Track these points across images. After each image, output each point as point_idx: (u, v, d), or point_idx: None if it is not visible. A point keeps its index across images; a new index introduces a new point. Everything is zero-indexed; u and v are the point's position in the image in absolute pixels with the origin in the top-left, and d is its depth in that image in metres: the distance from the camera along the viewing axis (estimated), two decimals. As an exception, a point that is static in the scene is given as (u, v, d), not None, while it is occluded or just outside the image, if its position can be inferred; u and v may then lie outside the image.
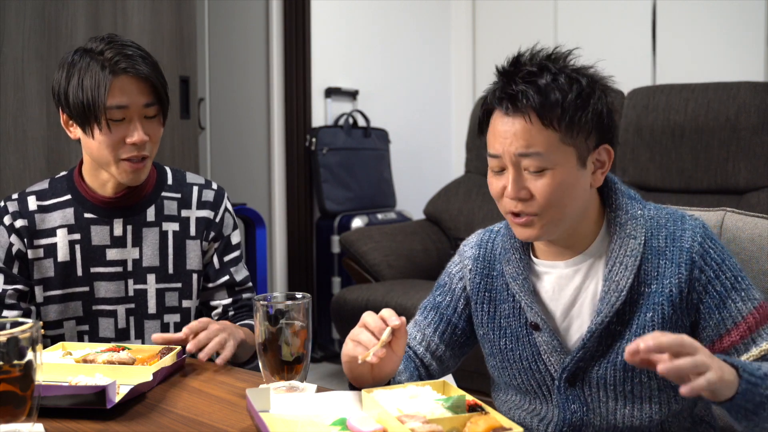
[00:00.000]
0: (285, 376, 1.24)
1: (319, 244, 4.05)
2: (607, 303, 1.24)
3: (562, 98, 1.19)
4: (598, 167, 1.26)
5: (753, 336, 1.21)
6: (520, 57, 1.25)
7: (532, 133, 1.19)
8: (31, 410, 1.02)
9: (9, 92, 2.43)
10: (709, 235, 1.25)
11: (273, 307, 1.23)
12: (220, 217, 1.72)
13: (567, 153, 1.21)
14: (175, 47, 2.88)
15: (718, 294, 1.22)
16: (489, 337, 1.38)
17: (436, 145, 4.80)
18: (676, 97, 3.31)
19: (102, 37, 1.58)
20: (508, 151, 1.21)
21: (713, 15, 3.86)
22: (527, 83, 1.20)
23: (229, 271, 1.74)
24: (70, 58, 1.57)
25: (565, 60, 1.25)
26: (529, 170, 1.21)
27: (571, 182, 1.21)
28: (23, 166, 2.47)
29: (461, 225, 3.73)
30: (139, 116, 1.56)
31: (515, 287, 1.32)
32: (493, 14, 4.73)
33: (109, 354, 1.37)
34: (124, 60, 1.53)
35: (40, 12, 2.50)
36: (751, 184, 3.13)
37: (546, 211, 1.22)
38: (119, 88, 1.53)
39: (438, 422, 1.01)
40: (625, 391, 1.25)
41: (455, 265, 1.45)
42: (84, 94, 1.52)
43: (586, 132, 1.22)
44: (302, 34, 4.03)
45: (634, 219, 1.26)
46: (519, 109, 1.20)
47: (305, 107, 4.06)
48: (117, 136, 1.54)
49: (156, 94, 1.57)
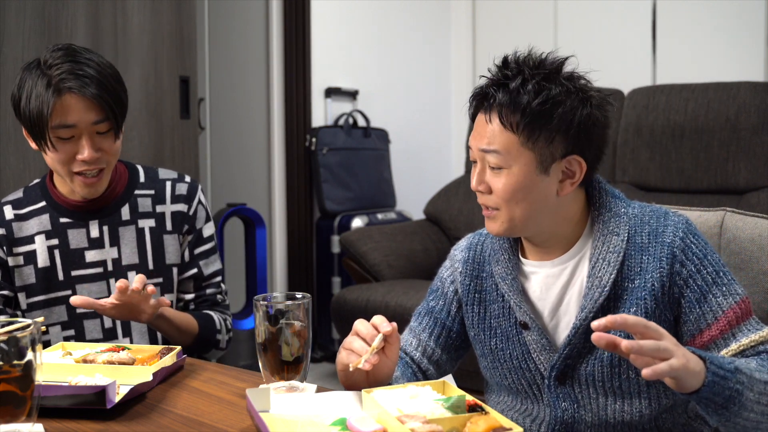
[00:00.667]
0: (285, 376, 1.24)
1: (319, 244, 4.05)
2: (591, 299, 1.25)
3: (526, 103, 1.22)
4: (567, 176, 1.27)
5: (733, 331, 1.22)
6: (507, 58, 1.29)
7: (494, 132, 1.24)
8: (31, 410, 1.02)
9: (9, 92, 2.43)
10: (691, 231, 1.26)
11: (273, 307, 1.23)
12: (193, 210, 1.73)
13: (525, 156, 1.24)
14: (175, 47, 2.88)
15: (699, 288, 1.23)
16: (480, 338, 1.39)
17: (436, 145, 4.80)
18: (676, 97, 3.31)
19: (60, 47, 1.55)
20: (475, 145, 1.28)
21: (713, 15, 3.86)
22: (498, 85, 1.25)
23: (197, 264, 1.74)
24: (25, 68, 1.55)
25: (538, 66, 1.26)
26: (490, 166, 1.26)
27: (528, 185, 1.24)
28: (23, 166, 2.46)
29: (461, 225, 3.73)
30: (89, 133, 1.53)
31: (504, 287, 1.34)
32: (493, 14, 4.73)
33: (109, 354, 1.37)
34: (71, 79, 1.49)
35: (40, 12, 2.50)
36: (751, 184, 3.13)
37: (503, 207, 1.26)
38: (63, 107, 1.50)
39: (438, 422, 1.01)
40: (614, 386, 1.27)
41: (446, 269, 1.46)
42: (30, 111, 1.51)
43: (548, 140, 1.23)
44: (302, 34, 4.03)
45: (617, 216, 1.28)
46: (486, 107, 1.26)
47: (305, 107, 4.06)
48: (66, 153, 1.54)
49: (105, 112, 1.53)
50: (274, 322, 1.23)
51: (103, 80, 1.53)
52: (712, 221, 1.42)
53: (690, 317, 1.24)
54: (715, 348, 1.22)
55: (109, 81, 1.55)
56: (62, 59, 1.51)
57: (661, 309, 1.24)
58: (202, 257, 1.74)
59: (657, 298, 1.24)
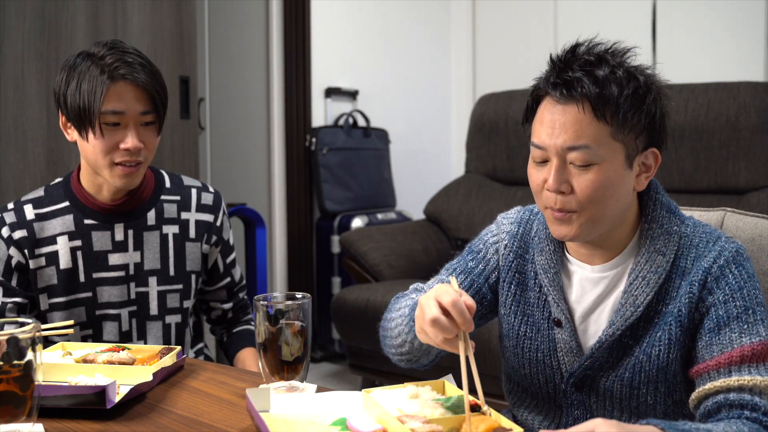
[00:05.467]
0: (285, 376, 1.24)
1: (319, 244, 4.05)
2: (622, 316, 1.21)
3: (618, 92, 1.15)
4: (643, 171, 1.21)
5: (731, 368, 1.12)
6: (577, 46, 1.20)
7: (582, 124, 1.15)
8: (31, 410, 1.02)
9: (9, 92, 2.43)
10: (736, 261, 1.18)
11: (273, 307, 1.23)
12: (220, 221, 1.75)
13: (616, 149, 1.16)
14: (175, 47, 2.88)
15: (718, 319, 1.15)
16: (509, 320, 1.34)
17: (436, 145, 4.81)
18: (676, 97, 3.30)
19: (105, 42, 1.59)
20: (554, 143, 1.17)
21: (713, 15, 3.86)
22: (584, 72, 1.16)
23: (230, 273, 1.80)
24: (72, 60, 1.57)
25: (622, 56, 1.21)
26: (574, 164, 1.16)
27: (616, 180, 1.17)
28: (23, 166, 2.46)
29: (461, 225, 3.73)
30: (135, 123, 1.56)
31: (545, 279, 1.29)
32: (493, 14, 4.73)
33: (109, 354, 1.37)
34: (124, 66, 1.54)
35: (40, 12, 2.50)
36: (751, 184, 3.12)
37: (585, 208, 1.17)
38: (116, 93, 1.53)
39: (438, 422, 1.01)
40: (631, 406, 1.23)
41: (493, 235, 1.39)
42: (81, 97, 1.53)
43: (637, 131, 1.17)
44: (302, 34, 4.03)
45: (667, 234, 1.22)
46: (573, 96, 1.15)
47: (305, 107, 4.06)
48: (111, 140, 1.55)
49: (153, 103, 1.57)
50: (274, 322, 1.23)
51: (153, 72, 1.59)
52: (712, 221, 1.41)
53: (698, 345, 1.17)
54: (705, 380, 1.14)
55: (157, 75, 1.60)
56: (111, 51, 1.55)
57: (685, 336, 1.18)
58: (232, 265, 1.80)
59: (683, 324, 1.18)
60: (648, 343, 1.20)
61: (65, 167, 2.54)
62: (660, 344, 1.19)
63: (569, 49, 1.21)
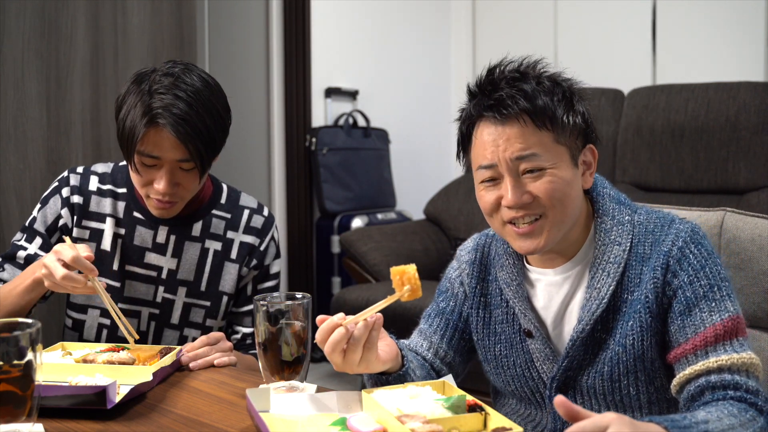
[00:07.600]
0: (285, 376, 1.24)
1: (319, 244, 4.05)
2: (588, 311, 1.23)
3: (550, 100, 1.21)
4: (585, 168, 1.27)
5: (708, 349, 1.15)
6: (493, 70, 1.27)
7: (526, 135, 1.20)
8: (31, 410, 1.02)
9: (9, 92, 2.43)
10: (695, 240, 1.21)
11: (273, 307, 1.23)
12: (265, 246, 1.71)
13: (561, 152, 1.22)
14: (175, 47, 2.88)
15: (686, 300, 1.18)
16: (484, 343, 1.38)
17: (436, 145, 4.80)
18: (676, 97, 3.31)
19: (172, 72, 1.51)
20: (503, 157, 1.21)
21: (713, 15, 3.86)
22: (514, 88, 1.21)
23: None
24: (131, 81, 1.52)
25: (535, 68, 1.27)
26: (528, 172, 1.21)
27: (570, 180, 1.22)
28: (23, 166, 2.46)
29: (461, 225, 3.73)
30: (172, 167, 1.52)
31: (509, 293, 1.32)
32: (493, 14, 4.73)
33: (109, 354, 1.37)
34: (167, 115, 1.46)
35: (40, 12, 2.50)
36: (751, 184, 3.13)
37: (550, 210, 1.21)
38: (153, 140, 1.48)
39: (438, 422, 1.01)
40: (615, 400, 1.24)
41: (454, 270, 1.44)
42: (124, 130, 1.51)
43: (576, 132, 1.24)
44: (302, 34, 4.03)
45: (620, 225, 1.25)
46: (510, 114, 1.20)
47: (305, 107, 4.06)
48: (147, 177, 1.53)
49: (191, 153, 1.50)
50: (274, 322, 1.23)
51: (198, 120, 1.49)
52: (712, 221, 1.41)
53: (671, 329, 1.19)
54: (684, 364, 1.16)
55: (204, 120, 1.50)
56: (166, 88, 1.48)
57: (656, 322, 1.20)
58: (265, 293, 1.70)
59: (652, 310, 1.20)
60: (621, 334, 1.22)
61: (65, 167, 2.53)
62: (633, 333, 1.21)
63: (486, 73, 1.27)
